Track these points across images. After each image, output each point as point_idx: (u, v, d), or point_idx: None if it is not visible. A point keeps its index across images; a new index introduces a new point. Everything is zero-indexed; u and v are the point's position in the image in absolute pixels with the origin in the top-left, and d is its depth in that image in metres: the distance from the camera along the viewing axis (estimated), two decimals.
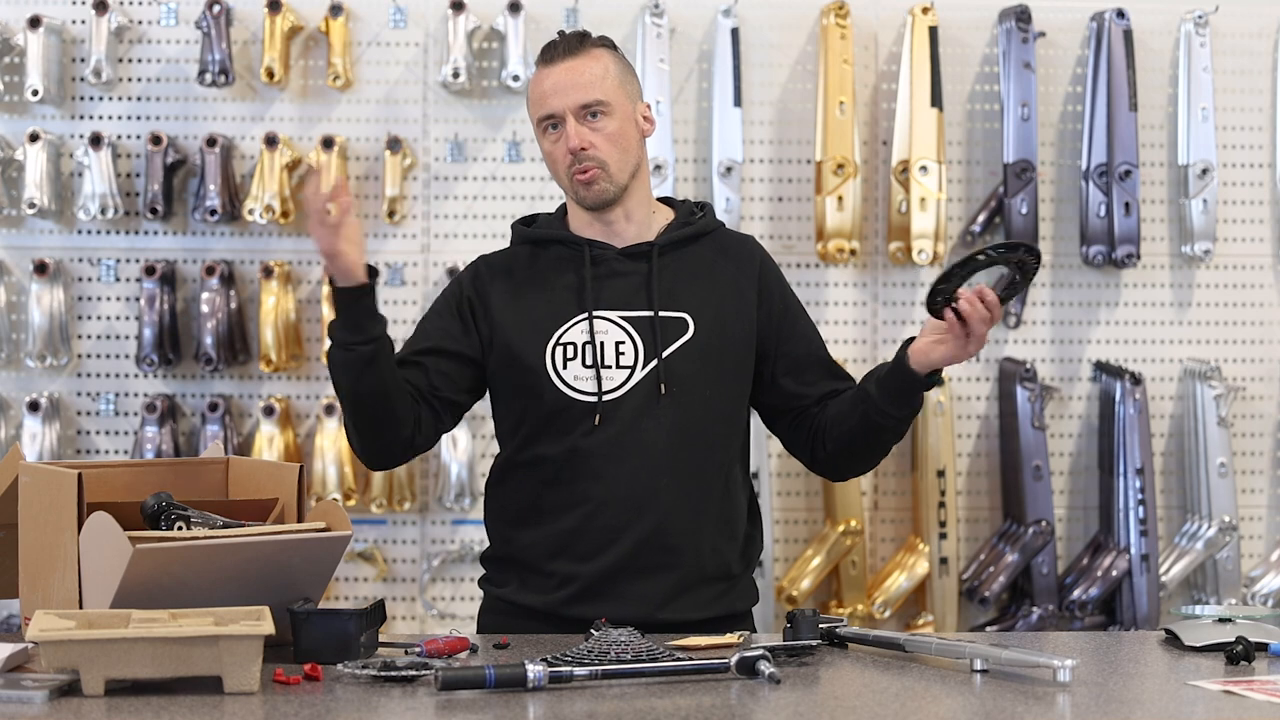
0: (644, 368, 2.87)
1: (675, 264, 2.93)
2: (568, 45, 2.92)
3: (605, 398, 2.86)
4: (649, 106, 2.99)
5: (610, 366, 2.87)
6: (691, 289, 2.92)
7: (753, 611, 3.00)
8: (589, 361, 2.87)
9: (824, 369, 3.01)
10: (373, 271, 2.80)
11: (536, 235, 2.99)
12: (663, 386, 2.86)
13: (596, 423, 2.85)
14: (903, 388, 2.87)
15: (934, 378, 2.88)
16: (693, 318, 2.90)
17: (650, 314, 2.89)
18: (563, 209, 3.02)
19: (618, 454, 2.85)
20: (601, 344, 2.87)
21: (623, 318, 2.89)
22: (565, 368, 2.87)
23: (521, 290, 2.94)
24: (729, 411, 2.93)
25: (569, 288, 2.91)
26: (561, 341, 2.88)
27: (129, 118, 4.65)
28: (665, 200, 3.05)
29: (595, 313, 2.88)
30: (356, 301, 2.79)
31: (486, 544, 3.01)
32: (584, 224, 2.95)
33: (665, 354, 2.87)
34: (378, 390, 2.82)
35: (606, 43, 2.95)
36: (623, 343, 2.88)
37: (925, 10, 4.63)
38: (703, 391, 2.89)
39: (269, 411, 4.52)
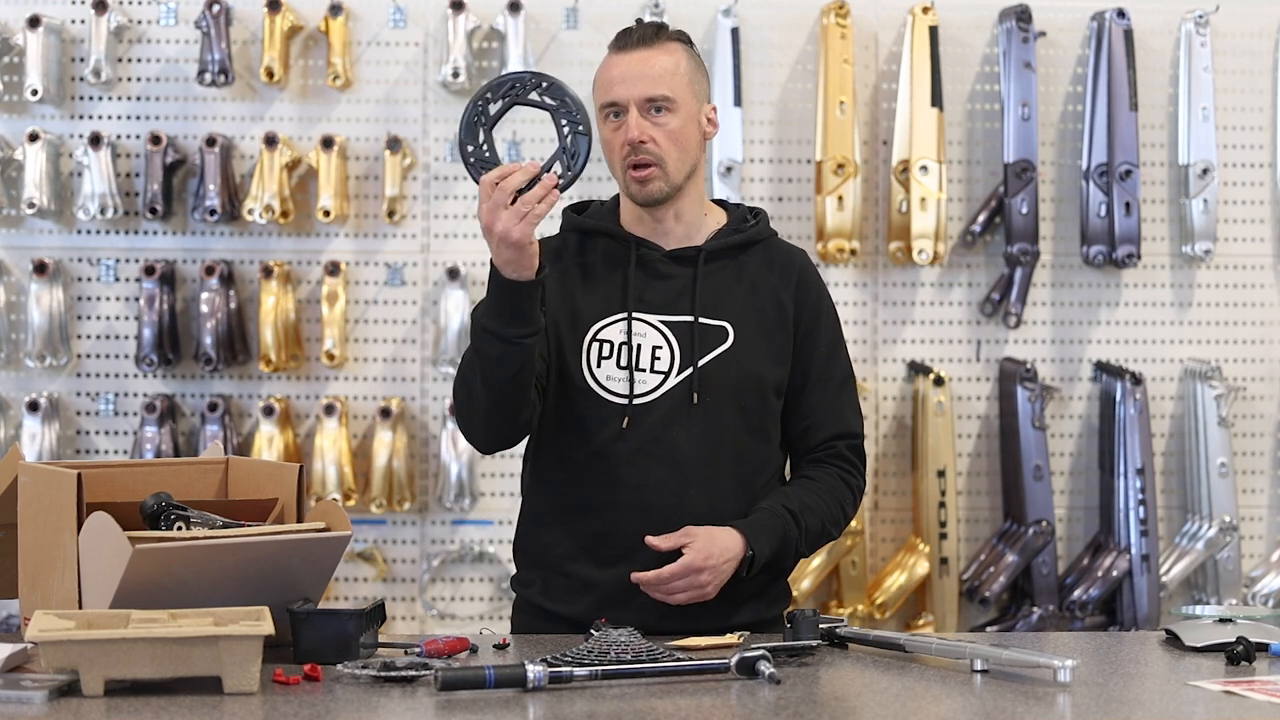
0: (678, 374, 2.84)
1: (720, 271, 2.89)
2: (643, 35, 2.86)
3: (635, 401, 2.83)
4: (714, 108, 2.93)
5: (644, 370, 2.84)
6: (734, 297, 2.88)
7: (782, 615, 2.97)
8: (623, 363, 2.84)
9: (814, 413, 2.91)
10: (541, 265, 2.71)
11: (585, 225, 2.94)
12: (695, 395, 2.83)
13: (625, 426, 2.83)
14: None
15: (746, 574, 2.79)
16: (733, 326, 2.86)
17: (690, 319, 2.86)
18: (616, 198, 2.98)
19: (644, 460, 2.82)
20: (638, 346, 2.85)
21: (662, 321, 2.86)
22: (599, 365, 2.85)
23: (567, 277, 2.89)
24: (762, 423, 2.89)
25: (613, 284, 2.87)
26: (598, 338, 2.85)
27: (129, 117, 4.64)
28: (719, 202, 3.01)
29: (635, 314, 2.85)
30: (528, 293, 2.70)
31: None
32: (634, 219, 2.91)
33: (701, 362, 2.84)
34: (526, 380, 2.76)
35: (682, 38, 2.90)
36: (659, 347, 2.85)
37: (925, 10, 4.63)
38: (736, 402, 2.85)
39: (269, 411, 4.52)
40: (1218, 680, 2.42)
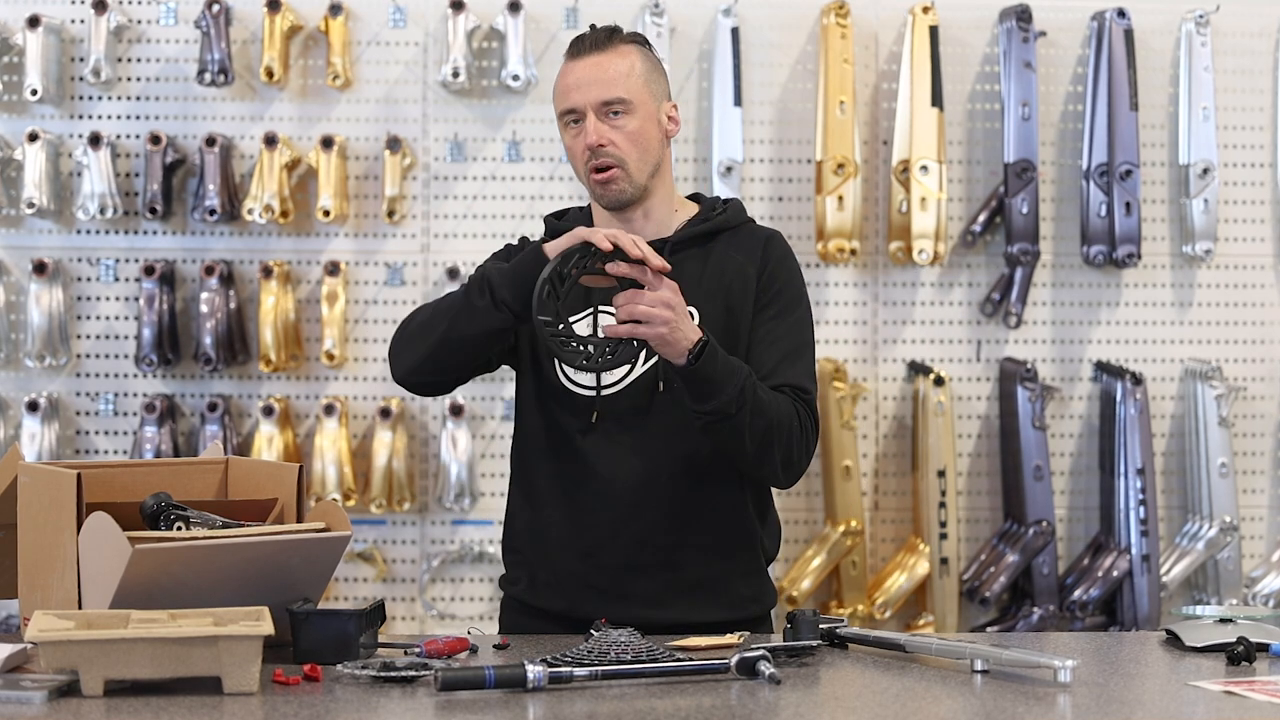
0: (644, 364, 2.86)
1: (688, 260, 2.89)
2: (595, 40, 2.89)
3: (604, 393, 2.86)
4: (675, 106, 2.96)
5: None
6: (701, 284, 2.89)
7: (770, 614, 2.97)
8: None
9: (759, 369, 2.83)
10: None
11: (557, 228, 2.96)
12: (660, 383, 2.85)
13: (594, 419, 2.85)
14: (682, 381, 2.76)
15: (691, 364, 2.70)
16: (699, 312, 2.87)
17: None
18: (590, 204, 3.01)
19: (617, 450, 2.84)
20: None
21: None
22: None
23: None
24: None
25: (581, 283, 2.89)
26: None
27: (128, 117, 4.64)
28: (694, 197, 3.03)
29: (601, 307, 2.87)
30: (536, 272, 2.72)
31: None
32: (605, 220, 2.93)
33: None
34: (479, 350, 2.82)
35: (637, 39, 2.93)
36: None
37: (926, 10, 4.63)
38: None
39: (268, 411, 4.51)
40: (1218, 680, 2.42)
